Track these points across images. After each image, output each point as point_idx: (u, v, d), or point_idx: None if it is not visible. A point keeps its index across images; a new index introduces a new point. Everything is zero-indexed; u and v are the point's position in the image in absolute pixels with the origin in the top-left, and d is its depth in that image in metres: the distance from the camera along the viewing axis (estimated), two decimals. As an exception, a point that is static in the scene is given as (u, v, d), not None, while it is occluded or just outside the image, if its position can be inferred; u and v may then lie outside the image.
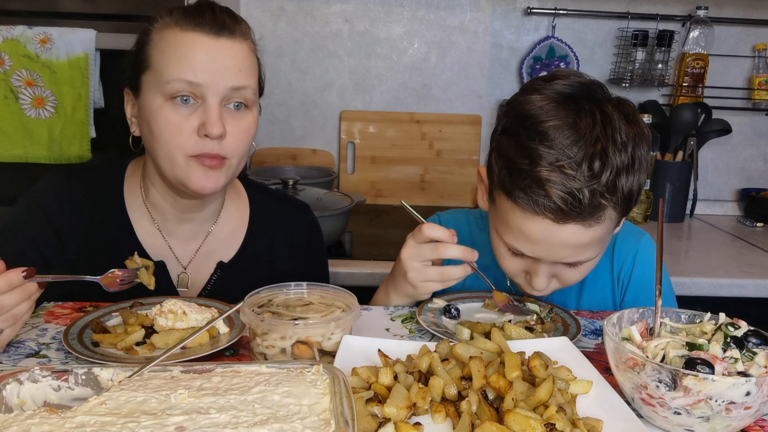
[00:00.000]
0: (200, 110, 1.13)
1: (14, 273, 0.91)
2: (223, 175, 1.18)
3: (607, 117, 1.01)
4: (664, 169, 2.49)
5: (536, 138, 1.01)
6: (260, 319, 0.93)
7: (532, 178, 1.00)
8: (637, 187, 1.04)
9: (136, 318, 1.06)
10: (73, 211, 1.27)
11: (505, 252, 1.14)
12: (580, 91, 1.05)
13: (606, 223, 1.04)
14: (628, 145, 1.01)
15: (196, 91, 1.12)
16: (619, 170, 1.00)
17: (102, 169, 1.35)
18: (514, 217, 1.06)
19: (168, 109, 1.13)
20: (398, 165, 2.69)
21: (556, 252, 1.06)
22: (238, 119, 1.17)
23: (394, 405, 0.77)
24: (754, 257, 2.16)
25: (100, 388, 0.78)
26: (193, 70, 1.11)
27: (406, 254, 1.17)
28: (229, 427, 0.68)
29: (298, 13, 2.58)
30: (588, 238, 1.04)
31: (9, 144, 1.88)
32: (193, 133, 1.13)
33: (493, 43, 2.64)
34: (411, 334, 1.13)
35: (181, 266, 1.31)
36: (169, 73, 1.12)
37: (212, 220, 1.34)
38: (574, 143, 0.99)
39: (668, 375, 0.78)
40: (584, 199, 0.98)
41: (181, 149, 1.14)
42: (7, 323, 0.92)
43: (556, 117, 1.01)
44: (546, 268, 1.11)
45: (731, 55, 2.64)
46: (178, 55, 1.13)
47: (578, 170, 0.98)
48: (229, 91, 1.14)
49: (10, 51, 1.82)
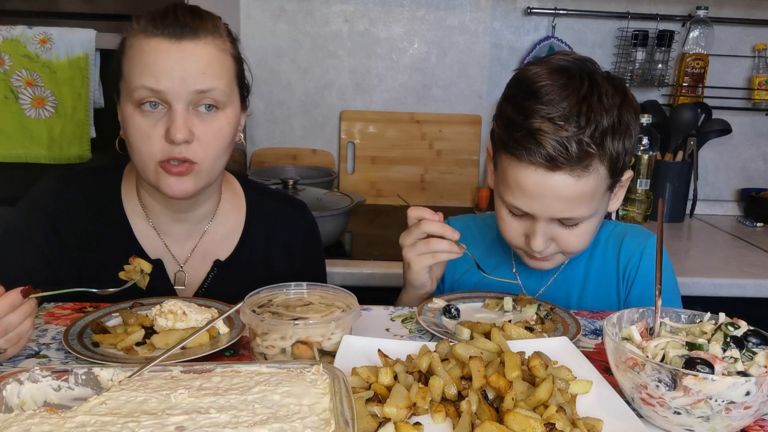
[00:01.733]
0: (167, 116, 1.13)
1: (14, 293, 0.91)
2: (194, 179, 1.18)
3: (595, 82, 1.12)
4: (664, 169, 2.49)
5: (530, 97, 1.12)
6: (260, 319, 0.93)
7: (526, 129, 1.10)
8: (623, 149, 1.13)
9: (136, 318, 1.06)
10: (71, 213, 1.27)
11: (506, 215, 1.22)
12: (574, 64, 1.16)
13: (594, 176, 1.12)
14: (614, 108, 1.11)
15: (161, 97, 1.12)
16: (605, 129, 1.10)
17: (99, 172, 1.36)
18: (511, 171, 1.15)
19: (137, 116, 1.14)
20: (398, 165, 2.69)
21: (550, 205, 1.14)
22: (208, 122, 1.16)
23: (394, 405, 0.77)
24: (754, 257, 2.16)
25: (100, 388, 0.78)
26: (155, 76, 1.11)
27: (400, 238, 1.25)
28: (229, 426, 0.68)
29: (298, 13, 2.58)
30: (578, 191, 1.12)
31: (9, 144, 1.88)
32: (161, 139, 1.13)
33: (493, 43, 2.64)
34: (411, 334, 1.13)
35: (178, 265, 1.32)
36: (134, 81, 1.13)
37: (208, 219, 1.35)
38: (563, 99, 1.10)
39: (668, 375, 0.78)
40: (571, 148, 1.08)
41: (150, 156, 1.15)
42: (11, 342, 0.92)
43: (549, 79, 1.12)
44: (543, 227, 1.17)
45: (731, 55, 2.65)
46: (141, 63, 1.13)
47: (566, 122, 1.08)
48: (194, 95, 1.13)
49: (10, 51, 1.82)
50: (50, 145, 1.89)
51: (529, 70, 1.16)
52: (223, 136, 1.19)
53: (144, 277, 1.14)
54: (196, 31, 1.14)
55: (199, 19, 1.17)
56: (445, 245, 1.21)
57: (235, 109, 1.21)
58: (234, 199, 1.40)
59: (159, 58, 1.12)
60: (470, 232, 1.44)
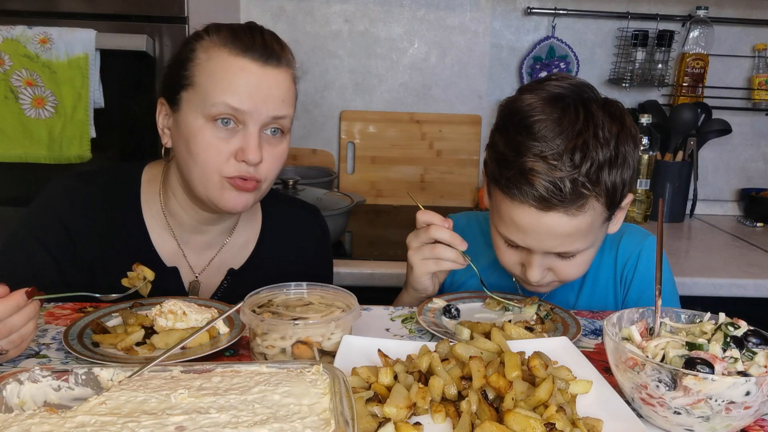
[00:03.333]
0: (240, 135, 1.15)
1: (19, 294, 0.91)
2: (254, 196, 1.21)
3: (590, 114, 1.07)
4: (664, 169, 2.49)
5: (523, 132, 1.08)
6: (260, 319, 0.93)
7: (517, 168, 1.06)
8: (620, 181, 1.09)
9: (136, 318, 1.06)
10: (86, 214, 1.26)
11: (502, 245, 1.19)
12: (570, 91, 1.11)
13: (590, 213, 1.08)
14: (611, 141, 1.06)
15: (239, 116, 1.14)
16: (602, 164, 1.05)
17: (116, 173, 1.34)
18: (504, 207, 1.12)
19: (209, 130, 1.14)
20: (398, 165, 2.69)
21: (545, 241, 1.11)
22: (274, 145, 1.19)
23: (394, 405, 0.77)
24: (754, 257, 2.16)
25: (100, 388, 0.78)
26: (240, 96, 1.13)
27: (407, 239, 1.25)
28: (229, 426, 0.68)
29: (298, 13, 2.58)
30: (573, 228, 1.08)
31: (9, 144, 1.88)
32: (231, 156, 1.15)
33: (493, 43, 2.64)
34: (411, 334, 1.13)
35: (194, 274, 1.32)
36: (215, 96, 1.13)
37: (228, 232, 1.36)
38: (557, 136, 1.05)
39: (668, 375, 0.78)
40: (565, 188, 1.04)
41: (217, 171, 1.16)
42: (14, 344, 0.92)
43: (542, 113, 1.07)
44: (539, 259, 1.15)
45: (731, 55, 2.64)
46: (225, 80, 1.13)
47: (560, 161, 1.04)
48: (270, 119, 1.16)
49: (10, 51, 1.82)
50: (50, 145, 1.89)
51: (523, 100, 1.12)
52: (282, 160, 1.23)
53: (146, 285, 1.14)
54: (280, 59, 1.17)
55: (281, 46, 1.20)
56: (451, 254, 1.20)
57: (290, 134, 1.25)
58: (251, 211, 1.39)
59: (245, 79, 1.14)
60: (472, 229, 1.44)
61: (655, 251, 1.27)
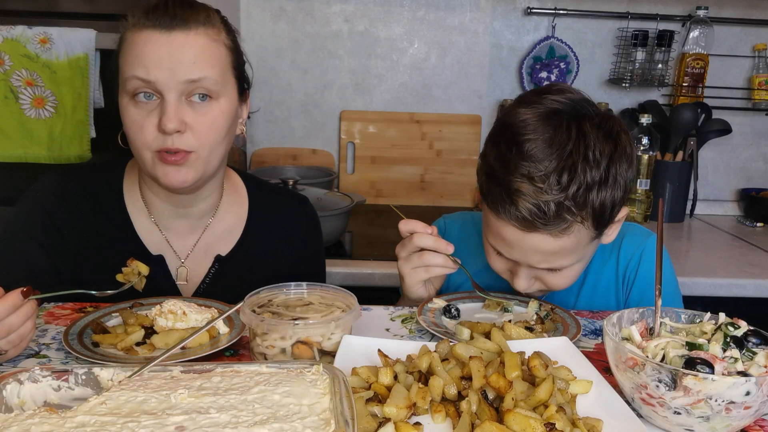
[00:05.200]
0: (160, 106, 1.14)
1: (15, 294, 0.91)
2: (192, 169, 1.17)
3: (582, 134, 1.05)
4: (664, 169, 2.49)
5: (513, 149, 1.07)
6: (260, 319, 0.93)
7: (504, 186, 1.07)
8: (610, 202, 1.07)
9: (136, 318, 1.06)
10: (72, 208, 1.27)
11: (491, 251, 1.21)
12: (567, 107, 1.09)
13: (575, 234, 1.08)
14: (602, 162, 1.05)
15: (153, 87, 1.12)
16: (590, 185, 1.04)
17: (100, 168, 1.36)
18: (491, 219, 1.14)
19: (131, 107, 1.15)
20: (398, 165, 2.69)
21: (530, 256, 1.12)
22: (201, 112, 1.15)
23: (394, 405, 0.77)
24: (754, 257, 2.16)
25: (100, 388, 0.78)
26: (146, 67, 1.12)
27: (396, 250, 1.24)
28: (229, 426, 0.68)
29: (298, 13, 2.58)
30: (557, 247, 1.09)
31: (9, 144, 1.88)
32: (154, 129, 1.14)
33: (493, 43, 2.64)
34: (411, 334, 1.13)
35: (180, 260, 1.32)
36: (126, 72, 1.14)
37: (209, 215, 1.34)
38: (546, 157, 1.04)
39: (668, 375, 0.78)
40: (549, 212, 1.03)
41: (146, 146, 1.15)
42: (13, 344, 0.92)
43: (534, 132, 1.06)
44: (525, 271, 1.17)
45: (731, 55, 2.64)
46: (133, 54, 1.14)
47: (546, 182, 1.03)
48: (184, 84, 1.13)
49: (10, 51, 1.82)
50: (50, 145, 1.89)
51: (517, 115, 1.10)
52: (218, 126, 1.18)
53: (141, 280, 1.14)
54: (187, 22, 1.14)
55: (190, 9, 1.16)
56: (439, 259, 1.19)
57: (230, 99, 1.20)
58: (235, 195, 1.40)
59: (149, 49, 1.12)
60: (468, 230, 1.43)
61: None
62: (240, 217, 1.38)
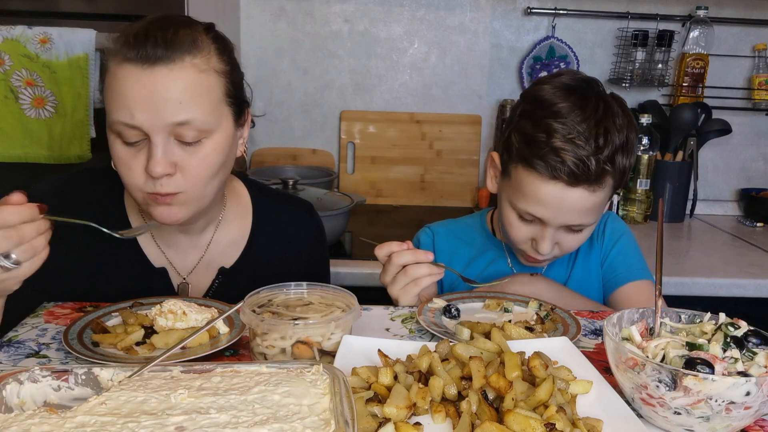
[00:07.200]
0: (147, 147, 1.06)
1: (33, 206, 0.91)
2: (184, 207, 1.12)
3: (607, 104, 1.23)
4: (664, 169, 2.49)
5: (551, 116, 1.20)
6: (260, 319, 0.93)
7: (549, 147, 1.18)
8: (629, 165, 1.25)
9: (136, 318, 1.06)
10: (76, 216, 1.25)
11: (515, 221, 1.29)
12: (582, 84, 1.26)
13: (606, 190, 1.23)
14: (624, 129, 1.22)
15: (139, 130, 1.05)
16: (617, 147, 1.20)
17: (102, 175, 1.31)
18: (530, 184, 1.23)
19: (119, 146, 1.08)
20: (398, 165, 2.69)
21: (564, 215, 1.23)
22: (191, 152, 1.08)
23: (394, 405, 0.77)
24: (754, 257, 2.16)
25: (100, 388, 0.78)
26: (129, 109, 1.03)
27: (380, 279, 1.26)
28: (229, 427, 0.68)
29: (298, 13, 2.58)
30: (591, 203, 1.22)
31: (9, 144, 1.88)
32: (143, 171, 1.07)
33: (493, 43, 2.64)
34: (411, 334, 1.13)
35: (181, 277, 1.29)
36: (110, 115, 1.07)
37: (212, 229, 1.31)
38: (583, 121, 1.19)
39: (668, 375, 0.78)
40: (591, 166, 1.17)
41: (137, 188, 1.10)
42: (27, 254, 0.92)
43: (567, 100, 1.21)
44: (552, 233, 1.26)
45: (731, 55, 2.64)
46: (115, 93, 1.05)
47: (586, 143, 1.18)
48: (171, 127, 1.05)
49: (10, 51, 1.82)
50: (50, 145, 1.89)
51: (543, 90, 1.24)
52: (210, 164, 1.11)
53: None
54: (171, 53, 1.04)
55: (174, 35, 1.05)
56: (424, 270, 1.20)
57: (224, 132, 1.13)
58: (239, 205, 1.36)
59: (130, 87, 1.03)
60: (455, 237, 1.47)
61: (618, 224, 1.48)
62: (244, 228, 1.35)
